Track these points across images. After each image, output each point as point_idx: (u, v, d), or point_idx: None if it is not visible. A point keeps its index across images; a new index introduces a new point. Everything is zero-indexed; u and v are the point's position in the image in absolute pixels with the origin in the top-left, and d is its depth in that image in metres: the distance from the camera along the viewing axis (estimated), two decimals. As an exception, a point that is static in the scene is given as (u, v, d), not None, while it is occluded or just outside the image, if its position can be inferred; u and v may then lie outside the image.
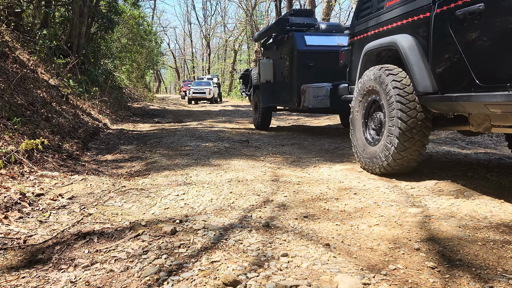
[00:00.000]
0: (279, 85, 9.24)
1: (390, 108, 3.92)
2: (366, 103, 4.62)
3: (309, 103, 7.70)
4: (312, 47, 8.20)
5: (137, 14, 21.69)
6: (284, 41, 8.93)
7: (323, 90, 7.63)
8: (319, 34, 8.57)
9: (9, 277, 2.14)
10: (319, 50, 8.19)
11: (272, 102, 9.36)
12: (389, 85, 3.96)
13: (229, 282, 1.95)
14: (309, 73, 8.08)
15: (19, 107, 5.94)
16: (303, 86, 7.90)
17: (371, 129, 4.56)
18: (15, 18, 9.35)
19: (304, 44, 8.21)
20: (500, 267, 2.16)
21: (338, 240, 2.57)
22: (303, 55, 8.14)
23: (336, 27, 9.09)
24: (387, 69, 4.12)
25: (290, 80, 8.55)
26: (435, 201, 3.38)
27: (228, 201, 3.44)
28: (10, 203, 3.15)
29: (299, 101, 8.14)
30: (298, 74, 8.19)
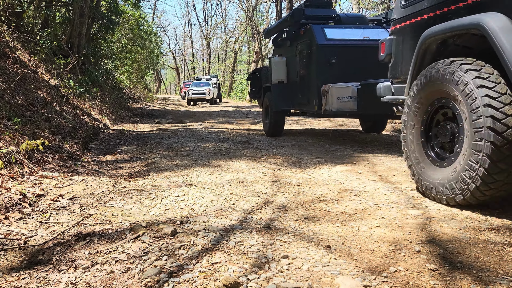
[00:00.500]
0: (293, 86, 8.26)
1: (475, 115, 2.93)
2: (427, 109, 3.54)
3: (332, 106, 6.54)
4: (334, 41, 7.06)
5: (137, 14, 21.70)
6: (300, 35, 7.84)
7: (349, 91, 6.45)
8: (341, 27, 7.43)
9: (9, 278, 2.14)
10: (342, 44, 7.06)
11: (285, 105, 8.26)
12: (470, 85, 3.00)
13: (229, 284, 1.95)
14: (331, 71, 6.93)
15: (19, 108, 5.94)
16: (325, 86, 6.78)
17: (435, 144, 3.53)
18: (16, 19, 9.35)
19: (324, 37, 7.08)
20: (501, 270, 2.16)
21: (338, 242, 2.57)
22: (324, 51, 7.00)
23: (359, 18, 8.04)
24: (464, 63, 3.12)
25: (307, 80, 7.49)
26: (436, 203, 3.37)
27: (229, 202, 3.44)
28: (10, 204, 3.15)
29: (319, 104, 7.00)
30: (318, 73, 7.05)
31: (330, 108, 6.62)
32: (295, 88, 8.13)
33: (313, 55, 7.22)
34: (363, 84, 6.32)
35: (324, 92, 6.79)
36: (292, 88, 8.34)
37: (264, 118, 9.30)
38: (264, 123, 9.24)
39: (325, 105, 6.74)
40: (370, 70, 6.51)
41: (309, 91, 7.41)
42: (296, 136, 8.72)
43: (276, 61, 8.76)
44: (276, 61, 8.75)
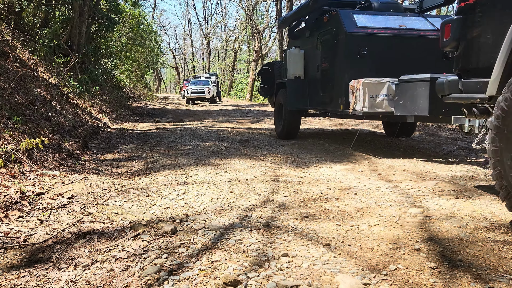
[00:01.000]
0: (313, 82, 7.19)
1: None
2: None
3: (363, 106, 5.44)
4: (365, 29, 6.01)
5: (137, 13, 21.67)
6: (323, 23, 6.76)
7: (384, 88, 5.32)
8: (373, 13, 6.41)
9: (9, 276, 2.14)
10: (375, 33, 6.01)
11: (302, 104, 7.31)
12: None
13: (229, 282, 1.95)
14: (361, 64, 5.89)
15: (19, 106, 5.93)
16: (354, 82, 5.69)
17: None
18: (16, 17, 9.34)
19: (353, 25, 6.02)
20: (501, 268, 2.16)
21: (338, 240, 2.57)
22: (353, 40, 5.93)
23: (393, 5, 6.92)
24: None
25: (332, 75, 6.42)
26: (436, 202, 3.38)
27: (229, 201, 3.44)
28: (10, 202, 3.15)
29: (346, 103, 5.94)
30: (345, 66, 6.00)
31: (360, 108, 5.50)
32: (315, 85, 7.08)
33: (339, 46, 6.14)
34: (404, 80, 5.15)
35: (353, 89, 5.70)
36: (311, 85, 7.30)
37: (276, 118, 8.36)
38: (277, 123, 8.31)
39: (354, 104, 5.65)
40: (407, 64, 5.73)
41: (334, 88, 6.34)
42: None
43: (292, 54, 7.68)
44: (293, 54, 7.67)
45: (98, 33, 14.49)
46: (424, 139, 7.78)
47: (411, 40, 5.82)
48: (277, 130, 8.20)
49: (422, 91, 4.51)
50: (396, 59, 5.91)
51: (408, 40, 5.93)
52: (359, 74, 5.79)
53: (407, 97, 5.01)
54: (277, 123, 8.26)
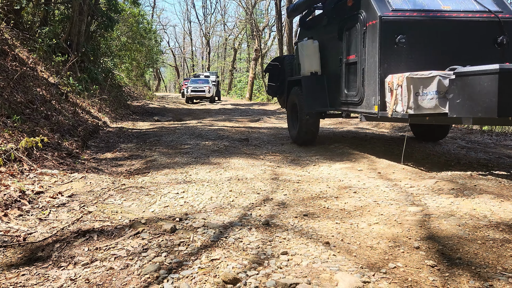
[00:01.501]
0: (334, 78, 6.11)
1: None
2: None
3: (407, 106, 4.35)
4: (403, 12, 4.94)
5: (137, 12, 21.65)
6: (347, 7, 5.72)
7: (434, 83, 4.32)
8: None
9: (9, 275, 2.14)
10: (414, 17, 4.93)
11: (321, 104, 6.28)
12: None
13: (229, 280, 1.95)
14: (398, 55, 4.85)
15: (18, 105, 5.93)
16: (393, 77, 4.59)
17: None
18: (15, 16, 9.33)
19: (387, 7, 4.94)
20: (500, 266, 2.16)
21: (338, 239, 2.57)
22: (389, 26, 4.84)
23: None
24: None
25: (360, 70, 5.27)
26: (435, 200, 3.38)
27: (228, 200, 3.44)
28: (10, 201, 3.15)
29: (381, 103, 4.84)
30: (380, 59, 4.86)
31: (404, 110, 4.38)
32: (337, 82, 5.97)
33: (371, 34, 5.04)
34: (461, 73, 4.13)
35: (392, 86, 4.62)
36: (331, 82, 6.22)
37: (289, 121, 7.35)
38: (290, 127, 7.31)
39: (394, 105, 4.53)
40: (453, 53, 4.89)
41: (363, 85, 5.22)
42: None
43: (305, 46, 6.55)
44: (307, 46, 6.53)
45: (97, 32, 14.48)
46: (423, 137, 7.78)
47: (457, 24, 4.87)
48: (292, 135, 7.18)
49: (487, 87, 3.68)
50: (440, 48, 4.90)
51: (454, 24, 4.93)
52: (397, 67, 4.81)
53: (466, 94, 4.04)
54: (291, 126, 7.24)
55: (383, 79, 4.82)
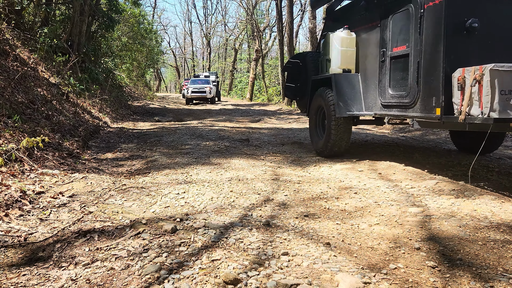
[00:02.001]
0: (371, 76, 5.23)
1: None
2: None
3: (490, 108, 3.34)
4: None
5: (137, 12, 21.67)
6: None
7: None
8: None
9: (9, 275, 2.14)
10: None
11: (356, 107, 5.30)
12: None
13: (229, 281, 1.95)
14: (468, 43, 3.91)
15: (19, 105, 5.94)
16: (465, 71, 3.64)
17: None
18: (16, 16, 9.34)
19: None
20: (501, 267, 2.16)
21: (338, 239, 2.57)
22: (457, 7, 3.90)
23: None
24: None
25: (415, 63, 4.27)
26: (436, 201, 3.38)
27: (229, 200, 3.44)
28: (10, 201, 3.16)
29: (447, 105, 3.88)
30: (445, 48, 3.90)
31: (485, 113, 3.38)
32: (376, 80, 5.04)
33: (429, 17, 4.12)
34: None
35: (463, 82, 3.64)
36: (368, 81, 5.31)
37: (313, 128, 6.17)
38: (314, 136, 6.10)
39: (468, 106, 3.56)
40: None
41: (418, 83, 4.23)
42: (297, 134, 8.72)
43: (342, 38, 5.53)
44: (343, 38, 5.52)
45: (98, 32, 14.49)
46: (424, 138, 7.79)
47: None
48: (316, 145, 5.96)
49: None
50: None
51: None
52: (467, 59, 3.84)
53: None
54: (316, 134, 6.06)
55: (449, 74, 3.83)
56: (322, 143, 5.67)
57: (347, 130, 5.40)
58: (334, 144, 5.43)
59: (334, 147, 5.45)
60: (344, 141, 5.44)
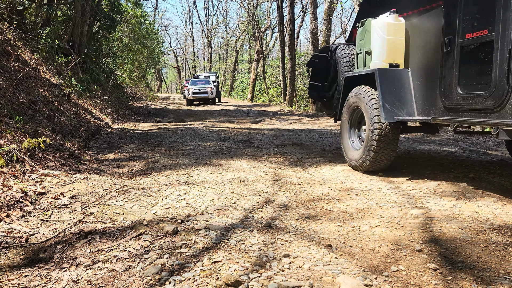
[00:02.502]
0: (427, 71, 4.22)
1: None
2: None
3: None
4: None
5: (139, 13, 21.71)
6: None
7: None
8: None
9: (11, 276, 2.14)
10: None
11: (406, 111, 4.30)
12: None
13: (231, 283, 1.95)
14: None
15: (21, 106, 5.94)
16: None
17: None
18: (17, 17, 9.36)
19: None
20: (503, 269, 2.16)
21: (340, 241, 2.57)
22: None
23: None
24: None
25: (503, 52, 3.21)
26: (437, 203, 3.37)
27: (230, 201, 3.44)
28: (12, 202, 3.16)
29: None
30: None
31: None
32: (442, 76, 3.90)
33: None
34: None
35: None
36: (424, 77, 4.23)
37: (346, 136, 5.07)
38: (347, 145, 5.03)
39: None
40: None
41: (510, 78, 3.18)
42: (298, 135, 8.72)
43: (385, 25, 4.49)
44: (386, 25, 4.48)
45: (99, 33, 14.51)
46: (425, 140, 7.78)
47: None
48: (350, 157, 4.88)
49: None
50: None
51: None
52: None
53: None
54: (349, 145, 4.98)
55: None
56: (359, 156, 4.58)
57: (393, 140, 4.32)
58: (376, 157, 4.37)
59: (375, 161, 4.40)
60: (389, 154, 4.38)
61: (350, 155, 4.90)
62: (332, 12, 18.56)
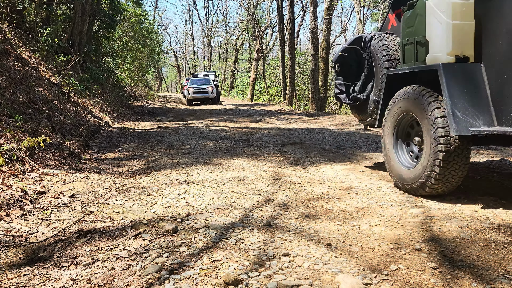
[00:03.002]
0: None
1: None
2: None
3: None
4: None
5: (138, 12, 21.69)
6: None
7: None
8: None
9: (10, 275, 2.14)
10: None
11: (482, 120, 3.22)
12: None
13: (230, 281, 1.95)
14: None
15: (20, 105, 5.94)
16: None
17: None
18: (17, 16, 9.35)
19: None
20: (502, 268, 2.16)
21: (339, 240, 2.57)
22: None
23: None
24: None
25: None
26: (437, 202, 3.37)
27: (229, 200, 3.44)
28: (11, 201, 3.16)
29: None
30: None
31: None
32: None
33: None
34: None
35: None
36: (507, 74, 3.17)
37: (391, 149, 3.98)
38: (393, 160, 3.93)
39: None
40: None
41: None
42: (298, 135, 8.72)
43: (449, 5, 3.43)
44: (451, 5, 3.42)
45: (99, 32, 14.50)
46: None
47: None
48: (398, 175, 3.80)
49: None
50: None
51: None
52: None
53: None
54: (396, 159, 3.91)
55: None
56: (415, 176, 3.52)
57: (464, 156, 3.30)
58: (442, 179, 3.34)
59: (440, 183, 3.36)
60: (459, 175, 3.35)
61: (397, 174, 3.82)
62: (332, 11, 18.55)
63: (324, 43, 17.33)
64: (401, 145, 3.94)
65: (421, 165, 3.46)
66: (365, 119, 4.94)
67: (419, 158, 3.61)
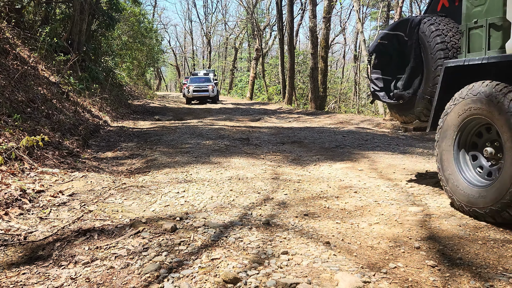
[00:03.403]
0: None
1: None
2: None
3: None
4: None
5: (138, 11, 21.67)
6: None
7: None
8: None
9: (9, 273, 2.14)
10: None
11: None
12: None
13: (229, 280, 1.95)
14: None
15: (19, 104, 5.94)
16: None
17: None
18: (16, 15, 9.33)
19: None
20: (501, 266, 2.16)
21: (338, 238, 2.57)
22: None
23: None
24: None
25: None
26: (436, 200, 3.38)
27: (229, 199, 3.44)
28: (10, 200, 3.16)
29: None
30: None
31: None
32: None
33: None
34: None
35: None
36: None
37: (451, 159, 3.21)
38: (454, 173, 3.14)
39: None
40: None
41: None
42: (297, 133, 8.72)
43: None
44: None
45: (98, 31, 14.49)
46: (424, 137, 7.78)
47: None
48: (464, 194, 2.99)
49: None
50: None
51: None
52: None
53: None
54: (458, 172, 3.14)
55: None
56: (489, 198, 2.75)
57: None
58: None
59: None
60: None
61: (458, 191, 3.04)
62: (331, 10, 18.54)
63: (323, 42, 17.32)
64: (464, 157, 3.14)
65: (498, 183, 2.69)
66: (409, 121, 4.07)
67: (493, 174, 2.88)
